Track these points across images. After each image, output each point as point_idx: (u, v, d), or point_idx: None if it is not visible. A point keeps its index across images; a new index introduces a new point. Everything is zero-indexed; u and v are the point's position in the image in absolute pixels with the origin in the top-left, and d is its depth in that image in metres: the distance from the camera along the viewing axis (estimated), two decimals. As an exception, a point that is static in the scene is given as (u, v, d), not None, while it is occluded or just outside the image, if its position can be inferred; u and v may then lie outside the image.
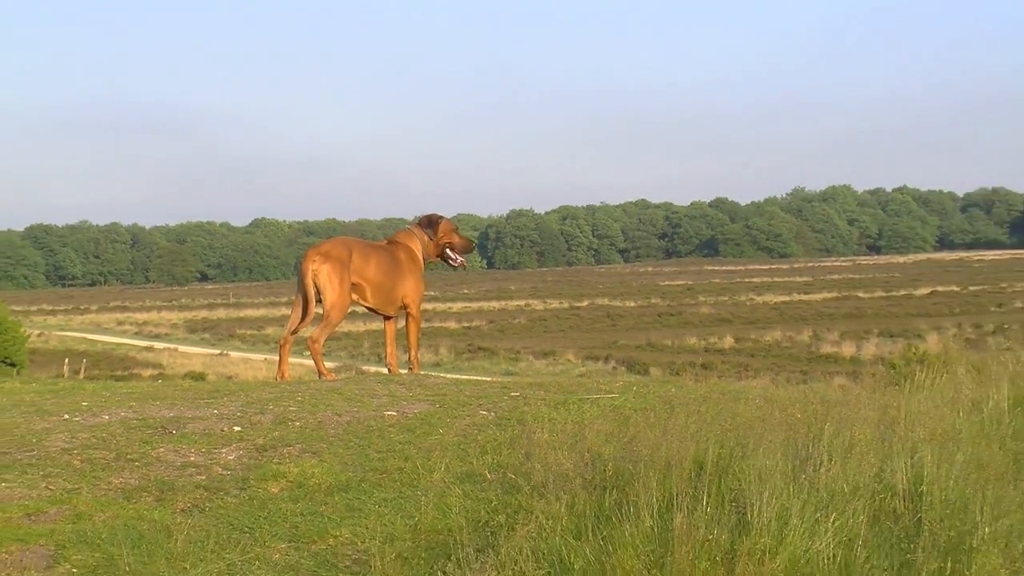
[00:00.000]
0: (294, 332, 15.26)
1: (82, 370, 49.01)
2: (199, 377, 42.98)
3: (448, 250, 15.78)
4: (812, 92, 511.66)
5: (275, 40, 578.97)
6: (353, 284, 14.74)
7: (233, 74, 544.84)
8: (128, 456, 9.69)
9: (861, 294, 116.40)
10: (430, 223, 15.70)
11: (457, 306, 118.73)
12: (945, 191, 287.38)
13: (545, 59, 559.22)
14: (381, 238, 16.17)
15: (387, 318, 15.56)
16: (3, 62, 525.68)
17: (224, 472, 9.40)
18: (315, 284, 14.64)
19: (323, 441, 10.17)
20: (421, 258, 15.56)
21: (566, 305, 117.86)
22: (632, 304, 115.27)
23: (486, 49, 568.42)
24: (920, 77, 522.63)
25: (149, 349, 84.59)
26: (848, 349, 67.64)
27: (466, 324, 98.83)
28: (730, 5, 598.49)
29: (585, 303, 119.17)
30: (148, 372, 58.96)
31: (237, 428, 10.65)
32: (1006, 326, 72.39)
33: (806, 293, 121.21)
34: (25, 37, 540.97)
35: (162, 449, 9.91)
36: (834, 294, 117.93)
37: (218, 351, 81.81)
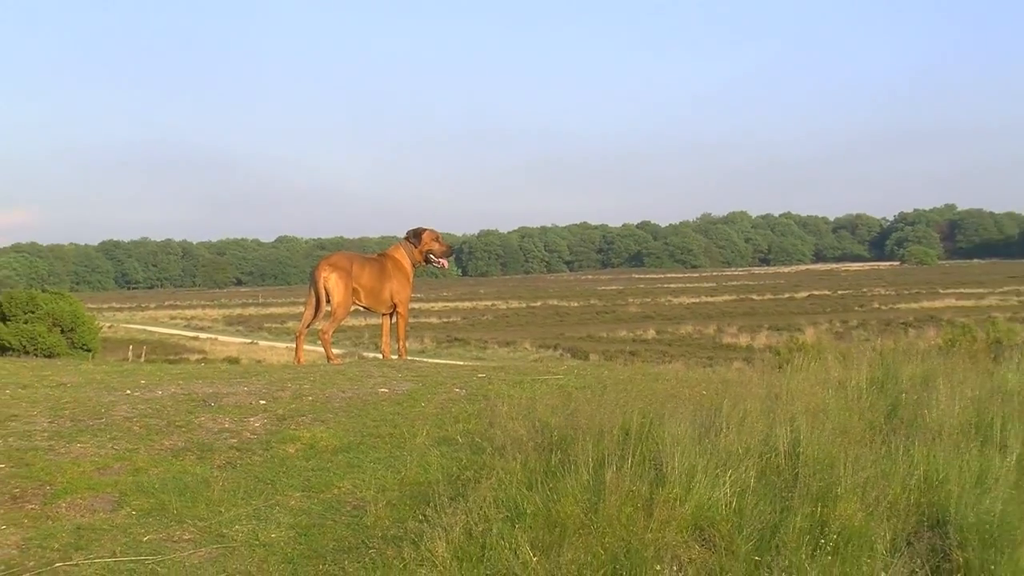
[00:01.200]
0: (308, 326, 15.27)
1: (142, 355, 48.84)
2: (234, 361, 42.72)
3: (431, 255, 15.77)
4: (716, 137, 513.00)
5: (298, 97, 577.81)
6: (352, 288, 14.78)
7: (265, 122, 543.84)
8: (176, 423, 9.64)
9: (755, 297, 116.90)
10: (415, 234, 15.75)
11: (438, 306, 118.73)
12: (820, 216, 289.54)
13: (507, 111, 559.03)
14: (376, 251, 16.21)
15: (383, 315, 15.59)
16: (88, 112, 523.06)
17: (252, 436, 9.34)
18: (325, 288, 14.69)
19: (330, 412, 10.11)
20: (409, 266, 15.56)
21: (524, 305, 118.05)
22: (576, 304, 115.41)
23: (463, 105, 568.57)
24: (800, 125, 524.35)
25: (195, 338, 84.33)
26: (744, 340, 67.90)
27: (445, 320, 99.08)
28: (650, 70, 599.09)
29: (539, 303, 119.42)
30: (194, 357, 58.71)
31: (263, 401, 10.59)
32: (863, 323, 72.95)
33: (711, 296, 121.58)
34: (105, 92, 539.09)
35: (203, 418, 9.85)
36: (733, 296, 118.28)
37: (250, 340, 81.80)
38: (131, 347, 55.44)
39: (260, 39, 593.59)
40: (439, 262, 16.00)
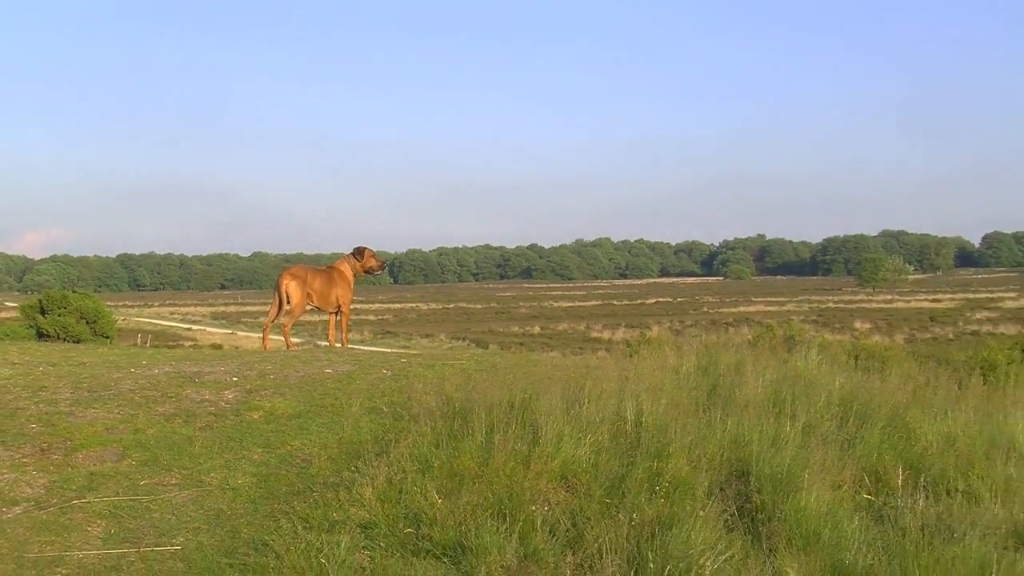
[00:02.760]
0: (273, 320, 15.19)
1: (148, 342, 48.15)
2: (218, 347, 42.25)
3: (370, 268, 15.77)
4: (587, 178, 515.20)
5: (271, 143, 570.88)
6: (307, 293, 14.74)
7: (246, 163, 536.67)
8: (168, 394, 9.48)
9: (615, 302, 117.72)
10: (358, 252, 15.68)
11: (375, 306, 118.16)
12: (664, 242, 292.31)
13: (430, 154, 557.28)
14: (327, 264, 16.13)
15: (330, 313, 15.53)
16: (111, 154, 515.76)
17: (226, 405, 9.22)
18: (286, 292, 14.64)
19: (287, 387, 9.98)
20: (351, 276, 15.51)
21: (440, 307, 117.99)
22: (479, 306, 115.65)
23: (396, 148, 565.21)
24: (650, 170, 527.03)
25: (189, 329, 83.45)
26: (607, 334, 68.36)
27: (380, 317, 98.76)
28: (538, 121, 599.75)
29: (452, 306, 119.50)
30: (187, 343, 58.07)
31: (235, 379, 10.42)
32: (695, 323, 73.96)
33: (583, 301, 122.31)
34: (125, 139, 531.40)
35: (189, 391, 9.69)
36: (599, 302, 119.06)
37: (230, 331, 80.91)
38: (139, 335, 54.92)
39: (243, 101, 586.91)
40: (376, 273, 16.00)
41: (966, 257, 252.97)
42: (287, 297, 14.71)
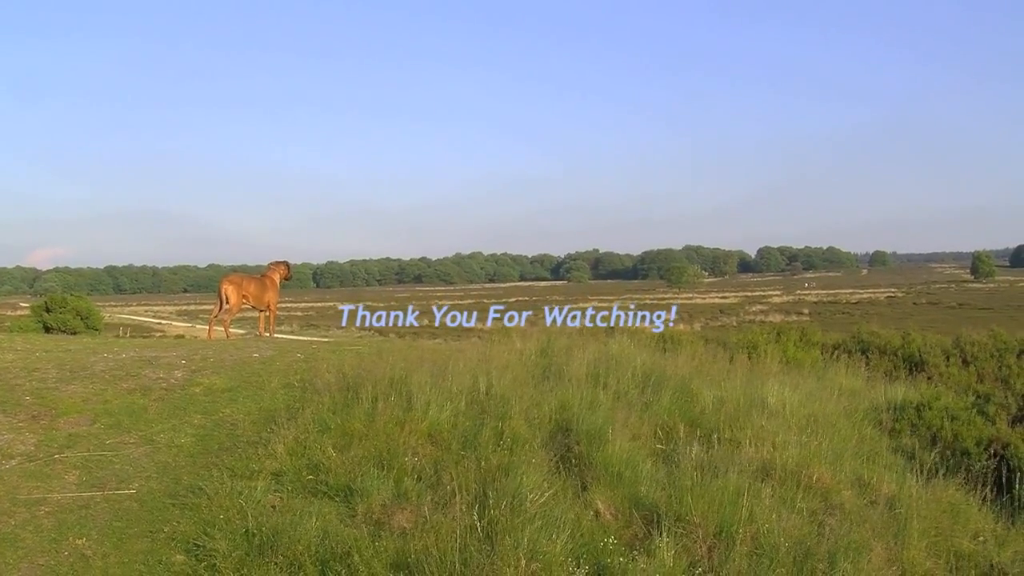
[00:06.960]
0: (215, 317, 14.97)
1: (127, 333, 46.95)
2: (180, 337, 41.23)
3: (288, 277, 15.82)
4: (464, 200, 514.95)
5: (221, 176, 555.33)
6: (242, 295, 14.56)
7: (203, 197, 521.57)
8: (131, 373, 9.26)
9: (485, 300, 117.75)
10: (284, 264, 15.81)
11: (301, 305, 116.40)
12: (523, 254, 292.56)
13: (346, 185, 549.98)
14: (261, 273, 15.90)
15: (261, 311, 15.34)
16: (101, 188, 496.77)
17: (175, 382, 9.02)
18: (225, 295, 14.52)
19: (223, 367, 9.78)
20: (278, 281, 15.47)
21: (352, 305, 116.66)
22: (382, 304, 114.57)
23: (319, 187, 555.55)
24: (508, 199, 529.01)
25: (159, 324, 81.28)
26: (480, 326, 68.20)
27: (305, 313, 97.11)
28: (434, 160, 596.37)
29: (361, 303, 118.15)
30: (157, 334, 56.17)
31: (183, 361, 10.15)
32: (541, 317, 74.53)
33: (461, 299, 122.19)
34: (113, 176, 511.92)
35: (147, 371, 9.43)
36: (474, 300, 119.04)
37: (191, 325, 78.83)
38: (121, 328, 54.12)
39: (199, 145, 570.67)
40: (289, 279, 16.01)
41: (745, 265, 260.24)
42: (225, 298, 14.58)
